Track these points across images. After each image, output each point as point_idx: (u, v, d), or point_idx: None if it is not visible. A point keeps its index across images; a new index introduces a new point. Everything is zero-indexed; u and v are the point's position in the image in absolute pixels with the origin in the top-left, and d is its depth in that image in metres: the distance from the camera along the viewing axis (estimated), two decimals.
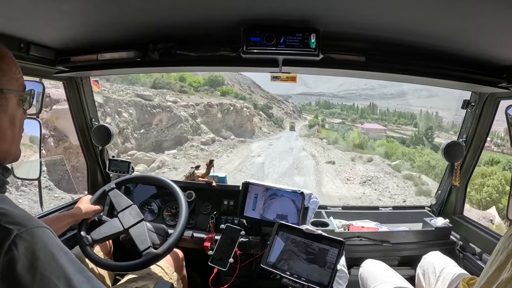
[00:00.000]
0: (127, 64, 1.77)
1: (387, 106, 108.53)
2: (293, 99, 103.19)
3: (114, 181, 1.84)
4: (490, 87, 1.73)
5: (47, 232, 0.73)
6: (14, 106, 0.86)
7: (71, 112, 2.25)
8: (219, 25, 1.46)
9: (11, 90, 0.84)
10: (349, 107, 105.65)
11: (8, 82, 0.84)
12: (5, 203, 0.74)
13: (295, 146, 39.45)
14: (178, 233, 1.62)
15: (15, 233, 0.67)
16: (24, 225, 0.69)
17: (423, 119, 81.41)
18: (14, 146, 0.88)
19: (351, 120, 78.80)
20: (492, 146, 35.44)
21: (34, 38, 1.55)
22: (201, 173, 2.25)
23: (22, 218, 0.71)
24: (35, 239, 0.69)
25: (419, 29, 1.37)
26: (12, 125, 0.86)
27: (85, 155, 2.39)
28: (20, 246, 0.66)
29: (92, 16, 1.35)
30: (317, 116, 73.88)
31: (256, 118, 45.14)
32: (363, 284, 1.86)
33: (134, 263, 1.57)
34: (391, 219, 2.39)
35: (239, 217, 2.07)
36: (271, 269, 1.64)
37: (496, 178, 21.13)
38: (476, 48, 1.49)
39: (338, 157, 34.15)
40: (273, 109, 57.14)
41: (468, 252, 2.03)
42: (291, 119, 62.78)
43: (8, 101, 0.84)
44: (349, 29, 1.45)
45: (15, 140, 0.88)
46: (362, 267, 1.92)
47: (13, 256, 0.65)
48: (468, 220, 2.18)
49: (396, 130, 71.37)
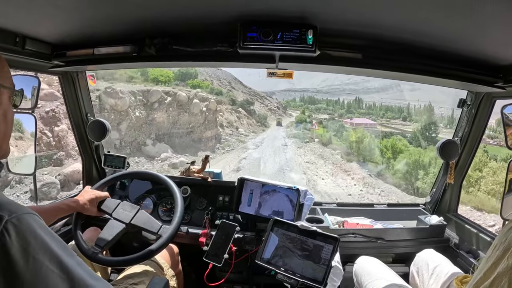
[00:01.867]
0: (123, 59, 1.76)
1: (372, 100, 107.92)
2: (276, 96, 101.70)
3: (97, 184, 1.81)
4: (486, 86, 1.73)
5: (36, 218, 0.74)
6: (7, 101, 0.88)
7: (66, 107, 2.24)
8: (217, 21, 1.45)
9: (5, 86, 0.87)
10: (334, 102, 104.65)
11: (1, 78, 0.86)
12: None
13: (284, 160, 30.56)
14: (173, 228, 1.61)
15: (6, 218, 0.68)
16: (14, 211, 0.71)
17: (414, 113, 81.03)
18: (5, 142, 0.89)
19: (338, 115, 76.94)
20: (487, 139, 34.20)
21: (30, 32, 1.54)
22: (197, 169, 2.25)
23: (12, 205, 0.73)
24: (25, 224, 0.71)
25: (416, 27, 1.37)
26: (4, 120, 0.87)
27: (81, 150, 2.38)
28: (11, 232, 0.68)
29: (88, 10, 1.34)
30: (304, 112, 72.16)
31: (233, 116, 39.47)
32: (357, 280, 1.87)
33: (144, 251, 1.55)
34: (386, 216, 2.40)
35: (234, 213, 2.08)
36: (266, 265, 1.65)
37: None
38: (473, 47, 1.49)
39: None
40: (255, 106, 53.77)
41: (462, 250, 2.04)
42: (277, 116, 61.04)
43: (2, 95, 0.86)
44: (346, 26, 1.45)
45: (6, 135, 0.89)
46: (357, 264, 1.93)
47: (5, 242, 0.67)
48: (462, 218, 2.20)
49: (386, 124, 70.33)
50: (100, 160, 2.36)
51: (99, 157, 2.38)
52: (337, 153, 34.82)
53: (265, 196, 1.99)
